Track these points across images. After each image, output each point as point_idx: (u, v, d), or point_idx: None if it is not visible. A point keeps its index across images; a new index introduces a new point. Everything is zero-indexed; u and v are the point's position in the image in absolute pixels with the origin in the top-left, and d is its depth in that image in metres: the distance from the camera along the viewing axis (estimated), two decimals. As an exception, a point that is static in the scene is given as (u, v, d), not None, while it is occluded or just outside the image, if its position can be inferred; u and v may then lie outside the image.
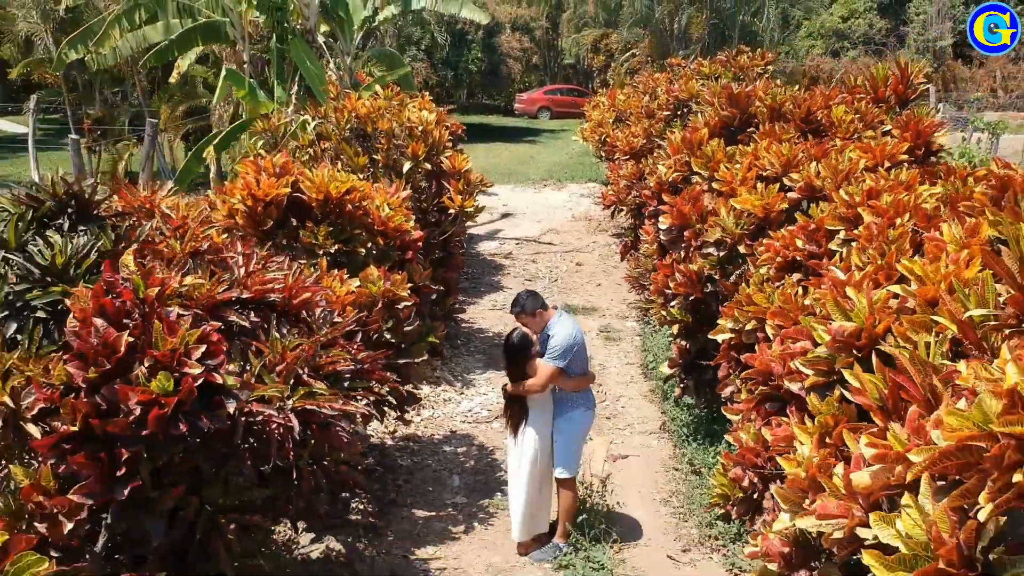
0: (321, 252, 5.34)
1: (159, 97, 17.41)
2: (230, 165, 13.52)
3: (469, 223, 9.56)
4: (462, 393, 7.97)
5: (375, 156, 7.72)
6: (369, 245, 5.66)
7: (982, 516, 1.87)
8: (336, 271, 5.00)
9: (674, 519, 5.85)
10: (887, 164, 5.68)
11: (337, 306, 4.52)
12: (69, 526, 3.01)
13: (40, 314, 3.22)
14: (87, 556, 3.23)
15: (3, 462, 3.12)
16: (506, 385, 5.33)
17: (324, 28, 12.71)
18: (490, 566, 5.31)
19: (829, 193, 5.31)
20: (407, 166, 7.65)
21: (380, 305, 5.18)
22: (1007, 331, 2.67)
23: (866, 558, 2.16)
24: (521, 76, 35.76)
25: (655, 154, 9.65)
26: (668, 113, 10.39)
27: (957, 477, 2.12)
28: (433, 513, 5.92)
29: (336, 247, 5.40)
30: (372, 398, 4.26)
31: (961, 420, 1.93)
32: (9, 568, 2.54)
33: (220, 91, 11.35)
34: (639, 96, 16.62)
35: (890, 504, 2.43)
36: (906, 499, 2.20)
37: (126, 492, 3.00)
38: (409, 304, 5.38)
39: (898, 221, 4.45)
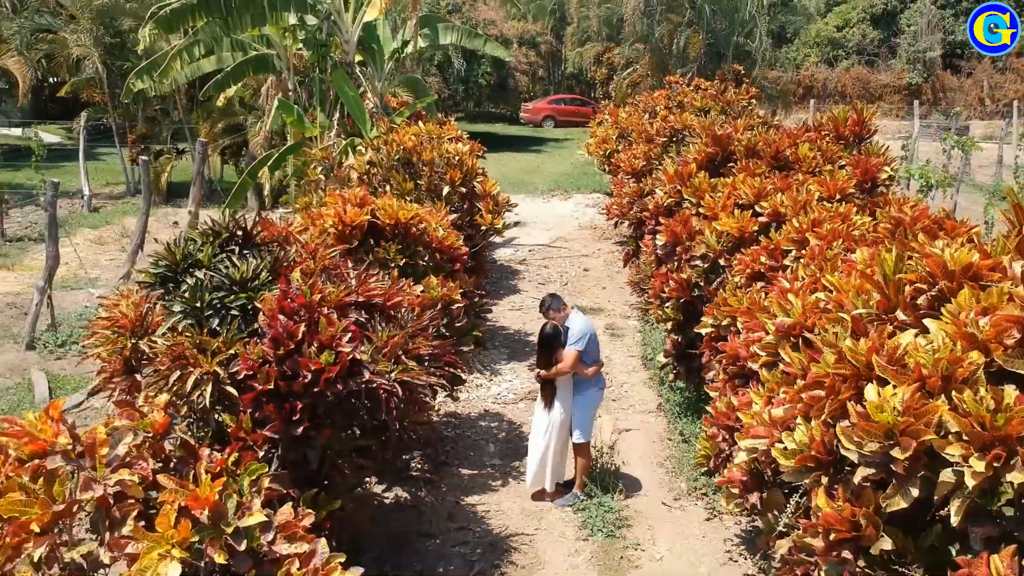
0: (392, 264, 6.83)
1: (198, 114, 18.91)
2: (280, 181, 15.04)
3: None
4: (491, 380, 9.47)
5: (419, 181, 9.21)
6: (427, 258, 7.16)
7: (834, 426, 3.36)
8: (403, 279, 6.49)
9: (667, 476, 7.35)
10: (838, 196, 7.19)
11: (414, 306, 6.02)
12: (260, 453, 4.51)
13: (234, 312, 4.71)
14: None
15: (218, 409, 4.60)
16: (540, 372, 6.80)
17: (358, 58, 14.18)
18: (523, 510, 6.81)
19: (790, 219, 6.81)
20: (446, 190, 9.15)
21: (439, 306, 6.67)
22: (876, 322, 4.16)
23: (774, 453, 3.66)
24: (527, 88, 37.26)
25: (653, 175, 11.18)
26: (665, 139, 11.89)
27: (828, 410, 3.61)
28: (476, 471, 7.42)
29: (403, 261, 6.89)
30: (442, 375, 5.76)
31: (817, 367, 3.43)
32: (243, 471, 4.02)
33: (273, 118, 12.83)
34: (640, 114, 18.19)
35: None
36: (799, 422, 3.70)
37: (299, 430, 4.51)
38: (460, 305, 6.89)
39: (834, 244, 5.97)
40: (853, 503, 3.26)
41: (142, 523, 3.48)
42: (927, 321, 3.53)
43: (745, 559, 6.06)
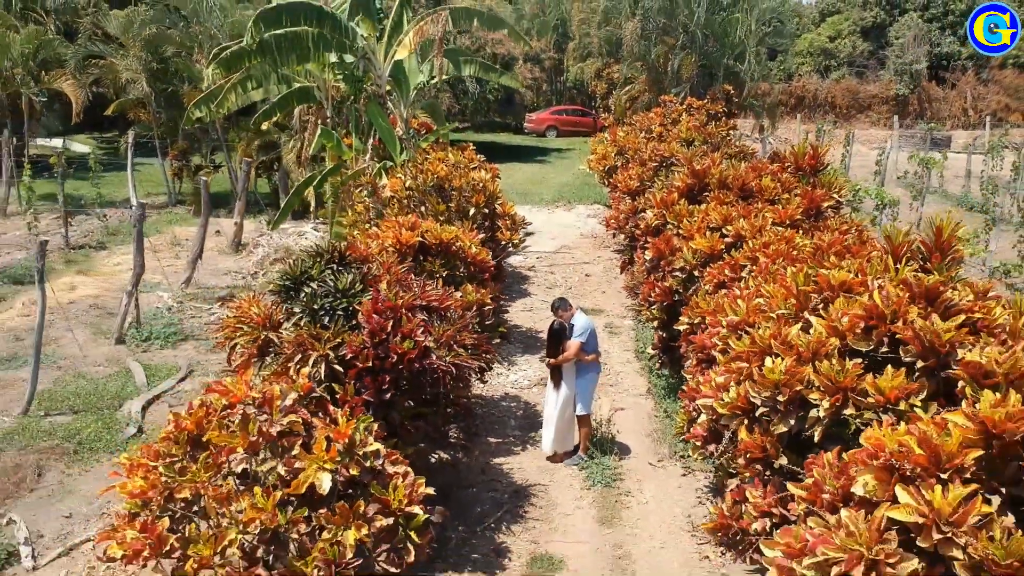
0: (436, 275, 8.69)
1: (235, 133, 20.76)
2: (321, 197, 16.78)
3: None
4: (509, 369, 11.33)
5: (449, 204, 11.08)
6: (462, 270, 9.03)
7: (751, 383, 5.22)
8: (447, 287, 8.35)
9: (653, 444, 9.23)
10: (788, 221, 9.06)
11: (457, 308, 7.88)
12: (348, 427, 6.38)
13: (339, 312, 6.57)
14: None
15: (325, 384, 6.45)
16: (549, 360, 8.67)
17: (387, 88, 16.05)
18: (539, 467, 8.68)
19: (748, 240, 8.67)
20: (472, 211, 11.02)
21: (474, 308, 8.54)
22: (791, 319, 6.02)
23: (716, 406, 5.52)
24: (532, 101, 39.15)
25: (646, 195, 13.04)
26: (656, 164, 13.75)
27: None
28: (500, 440, 9.30)
29: (445, 272, 8.76)
30: (480, 360, 7.63)
31: (738, 347, 5.30)
32: (358, 419, 5.86)
33: (316, 142, 14.65)
34: (636, 133, 20.09)
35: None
36: (732, 385, 5.55)
37: (387, 396, 6.37)
38: (490, 307, 8.76)
39: (777, 261, 7.84)
40: (761, 434, 5.13)
41: (303, 449, 5.35)
42: (812, 318, 5.39)
43: (711, 501, 7.93)
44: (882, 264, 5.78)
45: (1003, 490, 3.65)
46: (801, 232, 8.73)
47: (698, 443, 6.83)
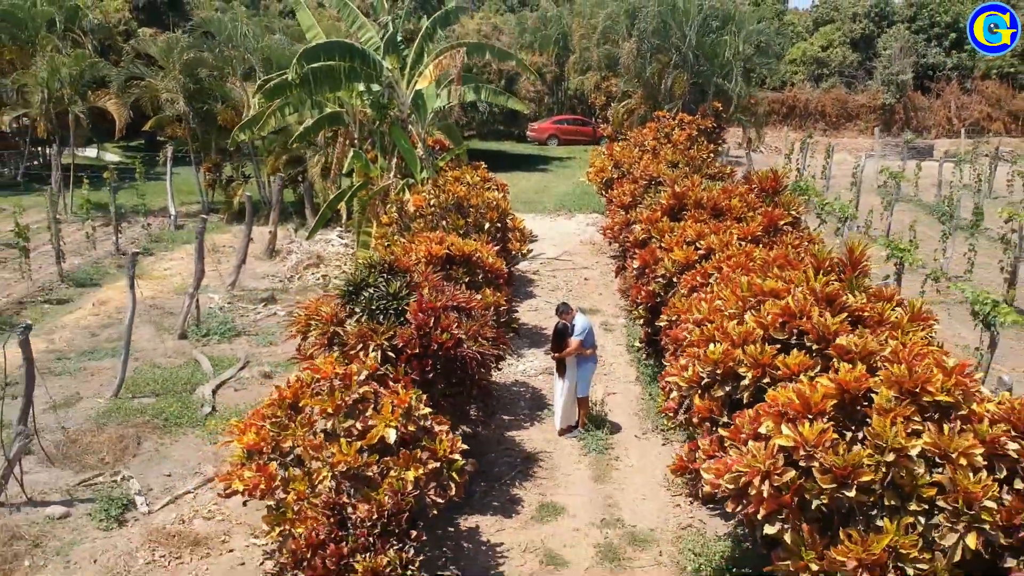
0: (460, 281, 10.60)
1: (264, 147, 22.69)
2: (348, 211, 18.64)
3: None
4: (518, 360, 13.24)
5: (468, 219, 13.00)
6: (481, 277, 10.94)
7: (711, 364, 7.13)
8: (469, 291, 10.25)
9: (638, 421, 11.15)
10: (750, 237, 10.96)
11: (479, 307, 9.79)
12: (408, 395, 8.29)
13: (391, 312, 8.49)
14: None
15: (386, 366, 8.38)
16: (554, 354, 10.57)
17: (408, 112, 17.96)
18: (545, 439, 10.60)
19: (716, 252, 10.56)
20: (487, 225, 12.94)
21: (491, 308, 10.45)
22: (736, 317, 7.92)
23: (679, 380, 7.43)
24: (534, 112, 41.10)
25: (636, 210, 14.93)
26: (646, 182, 15.65)
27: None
28: (512, 417, 11.22)
29: (467, 279, 10.68)
30: (499, 350, 9.54)
31: (693, 336, 7.22)
32: (413, 394, 7.77)
33: (349, 162, 16.56)
34: (631, 148, 22.02)
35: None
36: (691, 365, 7.46)
37: (430, 376, 8.29)
38: (504, 307, 10.68)
39: (737, 271, 9.74)
40: (709, 400, 7.04)
41: (373, 411, 7.26)
42: (748, 316, 7.30)
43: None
44: (804, 276, 7.70)
45: (852, 427, 5.57)
46: (761, 246, 10.63)
47: (670, 414, 8.72)
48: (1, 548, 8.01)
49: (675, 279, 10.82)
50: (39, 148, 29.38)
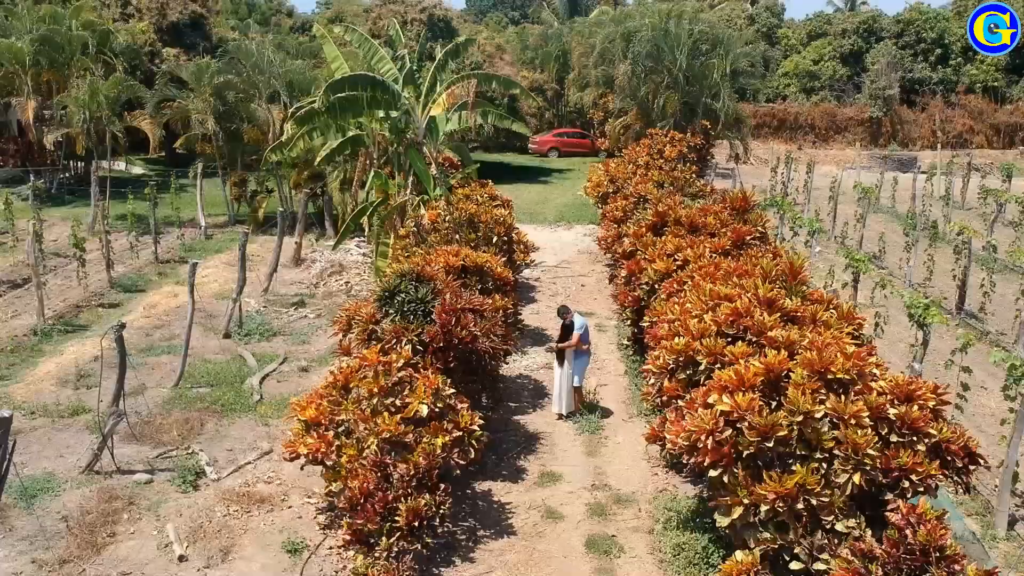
0: (473, 287, 12.46)
1: (287, 163, 24.57)
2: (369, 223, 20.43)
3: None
4: (522, 357, 15.09)
5: (478, 233, 14.86)
6: (491, 284, 12.81)
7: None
8: (482, 296, 12.11)
9: (625, 407, 13.02)
10: (721, 250, 12.83)
11: (490, 310, 11.66)
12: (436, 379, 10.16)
13: (419, 313, 10.36)
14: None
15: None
16: (558, 345, 12.45)
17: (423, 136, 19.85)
18: (546, 422, 12.47)
19: (691, 263, 12.43)
20: (495, 239, 14.82)
21: (500, 311, 12.32)
22: (699, 317, 9.78)
23: (653, 367, 9.30)
24: (536, 127, 43.10)
25: (627, 224, 16.81)
26: (636, 199, 17.53)
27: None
28: (517, 404, 13.09)
29: (480, 285, 12.55)
30: (508, 346, 11.42)
31: (663, 331, 9.09)
32: (440, 379, 9.62)
33: (371, 182, 18.46)
34: (626, 164, 23.91)
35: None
36: (662, 356, 9.33)
37: (451, 366, 10.16)
38: (511, 310, 12.56)
39: (707, 279, 11.62)
40: (675, 382, 8.90)
41: (409, 391, 9.12)
42: (706, 316, 9.16)
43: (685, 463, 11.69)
44: (754, 284, 9.58)
45: (775, 396, 7.43)
46: (729, 257, 12.50)
47: (649, 398, 10.60)
48: (103, 505, 9.86)
49: (656, 286, 12.69)
50: (69, 162, 31.28)
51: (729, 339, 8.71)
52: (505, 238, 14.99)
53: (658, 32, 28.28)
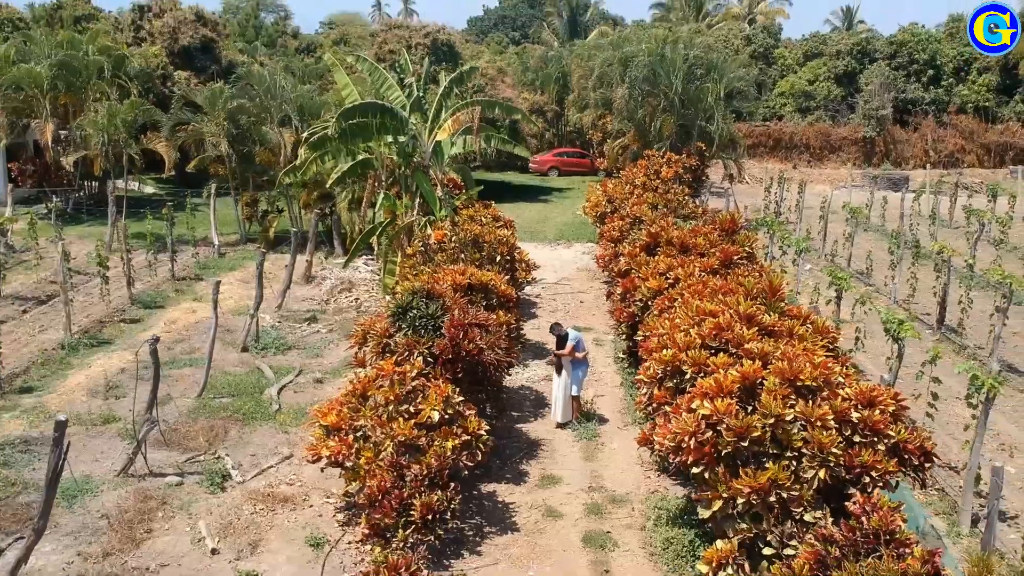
0: (478, 304, 13.36)
1: (297, 184, 25.55)
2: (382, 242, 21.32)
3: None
4: (523, 369, 15.97)
5: (482, 253, 15.79)
6: (495, 300, 13.72)
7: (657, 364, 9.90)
8: (486, 312, 13.01)
9: (621, 416, 13.90)
10: (709, 269, 13.74)
11: (495, 325, 12.56)
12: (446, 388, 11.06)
13: (430, 327, 11.26)
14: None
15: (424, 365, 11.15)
16: (555, 353, 13.34)
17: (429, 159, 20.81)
18: (546, 429, 13.35)
19: (681, 281, 13.33)
20: (498, 258, 15.74)
21: (503, 326, 13.22)
22: (685, 331, 10.68)
23: (644, 377, 10.19)
24: (537, 147, 44.20)
25: (623, 244, 17.74)
26: (631, 220, 18.47)
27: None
28: (519, 413, 13.97)
29: (485, 302, 13.45)
30: (511, 359, 12.31)
31: (652, 344, 9.99)
32: (450, 387, 10.51)
33: (381, 203, 19.41)
34: (623, 185, 24.87)
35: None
36: (651, 366, 10.22)
37: (459, 376, 11.04)
38: (513, 325, 13.46)
39: (695, 296, 12.53)
40: (664, 391, 9.78)
41: (421, 398, 10.01)
42: (692, 330, 10.06)
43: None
44: (735, 301, 10.48)
45: (754, 403, 8.32)
46: (717, 276, 13.41)
47: (641, 405, 11.48)
48: (139, 504, 10.73)
49: (649, 303, 13.59)
50: (84, 182, 32.28)
51: (712, 351, 9.60)
52: (508, 257, 15.90)
53: (655, 57, 29.36)
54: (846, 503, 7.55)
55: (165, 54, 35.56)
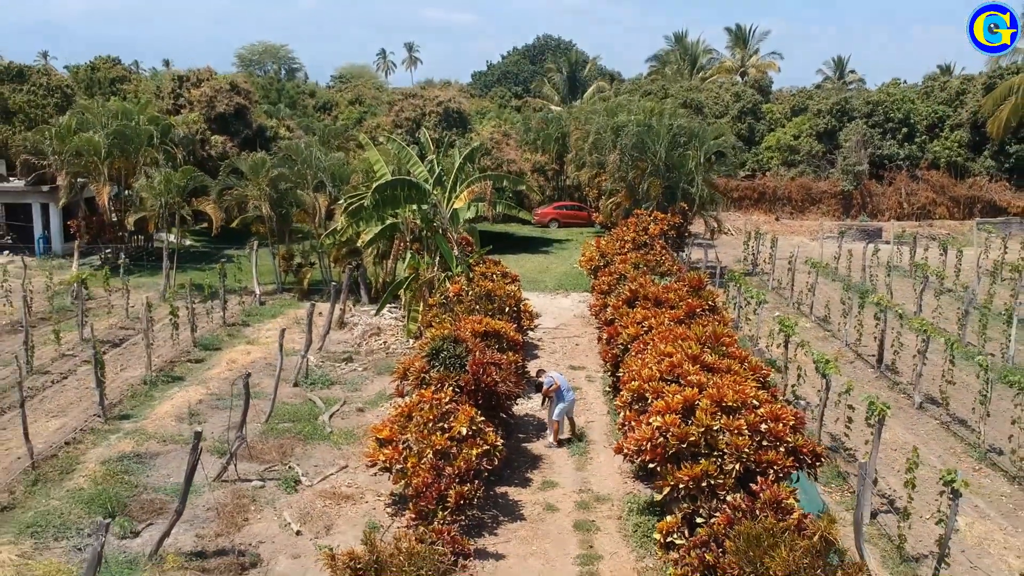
0: (492, 347, 16.79)
1: (327, 237, 29.17)
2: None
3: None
4: (527, 400, 19.35)
5: (494, 304, 19.27)
6: (505, 344, 17.17)
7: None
8: (498, 354, 16.43)
9: (607, 438, 17.26)
10: (677, 320, 17.20)
11: (506, 364, 15.98)
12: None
13: (456, 365, 14.69)
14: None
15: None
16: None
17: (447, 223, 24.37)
18: (546, 448, 16.72)
19: (654, 328, 16.77)
20: (507, 309, 19.22)
21: (512, 365, 16.65)
22: (652, 368, 14.10)
23: (618, 404, 13.59)
24: (538, 201, 48.04)
25: (611, 295, 21.23)
26: (617, 276, 21.97)
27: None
28: (524, 435, 17.36)
29: (497, 345, 16.90)
30: (519, 390, 15.74)
31: (625, 373, 13.41)
32: (474, 411, 13.89)
33: (408, 261, 22.93)
34: (614, 241, 28.47)
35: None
36: (624, 394, 13.63)
37: (480, 402, 14.44)
38: (520, 365, 16.90)
39: (663, 341, 15.99)
40: (631, 412, 13.17)
41: (453, 418, 13.41)
42: (653, 366, 13.47)
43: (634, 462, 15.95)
44: (688, 345, 13.94)
45: (692, 418, 11.73)
46: (683, 325, 16.86)
47: (619, 426, 14.86)
48: (235, 501, 14.09)
49: (628, 346, 17.05)
50: (132, 236, 35.97)
51: (667, 382, 13.04)
52: (515, 308, 19.38)
53: (642, 127, 33.20)
54: (752, 486, 10.94)
55: (203, 120, 39.48)
